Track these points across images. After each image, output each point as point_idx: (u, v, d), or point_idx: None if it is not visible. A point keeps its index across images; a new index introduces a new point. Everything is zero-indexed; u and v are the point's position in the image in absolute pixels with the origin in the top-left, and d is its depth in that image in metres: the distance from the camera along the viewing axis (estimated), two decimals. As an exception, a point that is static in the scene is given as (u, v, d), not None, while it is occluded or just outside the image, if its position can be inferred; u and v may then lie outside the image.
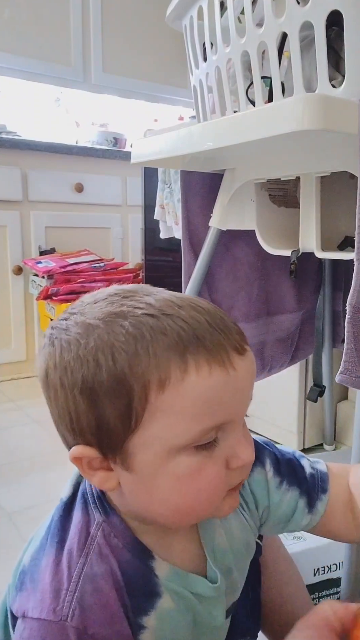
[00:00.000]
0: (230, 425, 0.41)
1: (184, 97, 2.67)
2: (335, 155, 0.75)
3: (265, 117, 0.62)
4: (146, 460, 0.39)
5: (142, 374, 0.38)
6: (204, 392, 0.38)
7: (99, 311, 0.41)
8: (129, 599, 0.41)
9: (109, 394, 0.38)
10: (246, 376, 0.42)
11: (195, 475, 0.40)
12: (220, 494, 0.42)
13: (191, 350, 0.38)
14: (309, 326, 1.26)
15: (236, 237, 1.05)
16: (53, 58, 2.27)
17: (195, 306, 0.41)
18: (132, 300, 0.41)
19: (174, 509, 0.41)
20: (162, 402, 0.38)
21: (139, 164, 0.94)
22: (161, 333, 0.38)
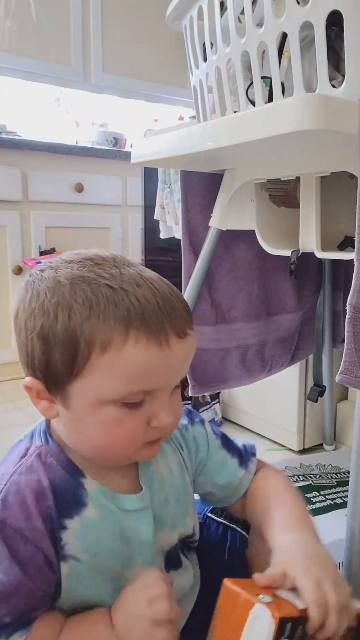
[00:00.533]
0: (157, 392, 0.48)
1: (184, 97, 2.67)
2: (335, 155, 0.75)
3: (265, 117, 0.62)
4: (80, 404, 0.47)
5: (89, 335, 0.45)
6: (137, 362, 0.45)
7: (69, 272, 0.48)
8: (55, 503, 0.49)
9: (60, 344, 0.46)
10: (180, 356, 0.48)
11: (117, 424, 0.47)
12: (137, 444, 0.49)
13: (135, 325, 0.45)
14: (309, 326, 1.26)
15: (236, 237, 1.05)
16: (53, 58, 2.27)
17: (152, 288, 0.47)
18: (101, 268, 0.48)
19: (95, 446, 0.49)
20: (101, 362, 0.45)
21: (139, 164, 0.94)
22: (114, 305, 0.45)
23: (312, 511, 0.92)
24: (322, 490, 0.99)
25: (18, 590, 0.47)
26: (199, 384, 1.11)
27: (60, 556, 0.49)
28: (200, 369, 1.10)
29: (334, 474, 1.05)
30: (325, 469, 1.08)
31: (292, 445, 1.45)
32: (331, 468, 1.08)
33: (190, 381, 1.10)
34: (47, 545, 0.48)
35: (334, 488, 0.99)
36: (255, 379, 1.19)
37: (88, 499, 0.51)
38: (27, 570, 0.47)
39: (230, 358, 1.12)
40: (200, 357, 1.09)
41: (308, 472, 1.06)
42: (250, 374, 1.16)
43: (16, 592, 0.47)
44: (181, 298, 0.50)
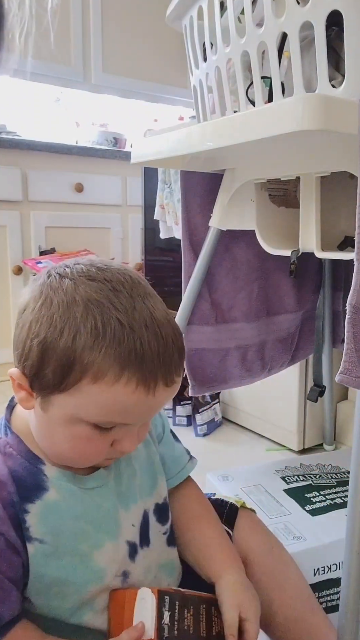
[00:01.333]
0: (128, 426, 0.51)
1: (184, 97, 2.67)
2: (335, 155, 0.75)
3: (265, 117, 0.62)
4: (58, 413, 0.49)
5: (86, 363, 0.46)
6: (122, 401, 0.48)
7: (86, 292, 0.48)
8: (16, 489, 0.51)
9: (56, 359, 0.47)
10: (162, 401, 0.51)
11: (85, 441, 0.50)
12: (97, 460, 0.53)
13: (131, 368, 0.47)
14: (309, 326, 1.26)
15: (236, 237, 1.05)
16: (53, 58, 2.27)
17: (158, 332, 0.49)
18: (116, 297, 0.48)
19: (60, 452, 0.52)
20: (89, 389, 0.47)
21: (139, 164, 0.94)
22: (118, 343, 0.46)
23: (312, 511, 0.92)
24: (322, 490, 0.99)
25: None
26: (199, 384, 1.11)
27: (26, 537, 0.50)
28: (200, 369, 1.10)
29: (334, 474, 1.05)
30: (325, 469, 1.07)
31: (292, 445, 1.45)
32: (331, 468, 1.08)
33: (190, 381, 1.10)
34: (8, 529, 0.49)
35: (334, 488, 0.99)
36: (255, 379, 1.19)
37: (49, 483, 0.53)
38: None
39: (230, 358, 1.12)
40: (200, 357, 1.09)
41: (308, 472, 1.06)
42: (250, 374, 1.16)
43: None
44: (180, 345, 0.51)
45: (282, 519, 0.89)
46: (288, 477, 1.04)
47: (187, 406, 1.66)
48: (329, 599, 0.83)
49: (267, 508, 0.93)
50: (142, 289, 0.51)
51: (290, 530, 0.86)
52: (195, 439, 1.57)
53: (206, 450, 1.49)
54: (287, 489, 1.00)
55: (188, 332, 1.07)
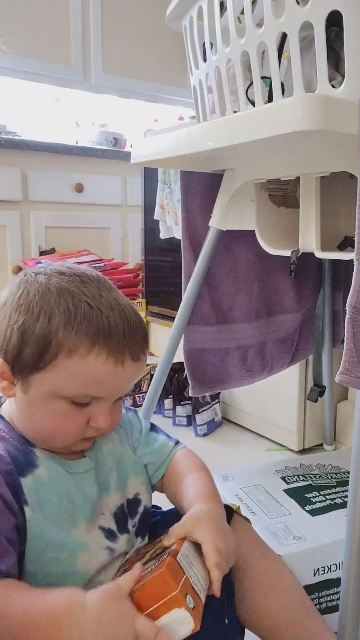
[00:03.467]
0: (102, 400, 0.57)
1: (184, 97, 2.67)
2: (335, 155, 0.75)
3: (265, 117, 0.62)
4: (37, 392, 0.55)
5: (61, 340, 0.53)
6: (93, 372, 0.54)
7: (59, 283, 0.56)
8: (14, 463, 0.55)
9: (34, 340, 0.54)
10: (130, 375, 0.57)
11: (62, 416, 0.55)
12: (75, 436, 0.57)
13: (100, 342, 0.53)
14: (309, 326, 1.26)
15: (236, 237, 1.05)
16: (53, 58, 2.27)
17: (123, 314, 0.56)
18: (85, 287, 0.56)
19: (41, 430, 0.57)
20: (65, 363, 0.53)
21: (139, 164, 0.94)
22: (88, 321, 0.53)
23: (312, 511, 0.92)
24: (322, 490, 0.99)
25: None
26: (199, 384, 1.11)
27: (23, 502, 0.54)
28: (200, 369, 1.10)
29: (334, 474, 1.05)
30: (325, 469, 1.07)
31: (292, 445, 1.45)
32: (331, 468, 1.08)
33: (190, 381, 1.10)
34: (5, 491, 0.53)
35: (334, 488, 0.99)
36: (255, 379, 1.19)
37: (39, 462, 0.58)
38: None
39: (230, 358, 1.12)
40: (201, 357, 1.10)
41: (308, 472, 1.06)
42: (250, 375, 1.16)
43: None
44: (144, 327, 0.59)
45: (282, 519, 0.89)
46: (288, 477, 1.04)
47: (187, 406, 1.66)
48: (329, 599, 0.83)
49: (267, 508, 0.93)
50: (107, 284, 0.59)
51: (290, 530, 0.86)
52: (195, 439, 1.57)
53: (206, 450, 1.49)
54: (287, 489, 1.00)
55: (188, 332, 1.07)
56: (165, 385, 1.45)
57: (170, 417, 1.70)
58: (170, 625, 0.47)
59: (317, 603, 0.82)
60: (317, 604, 0.82)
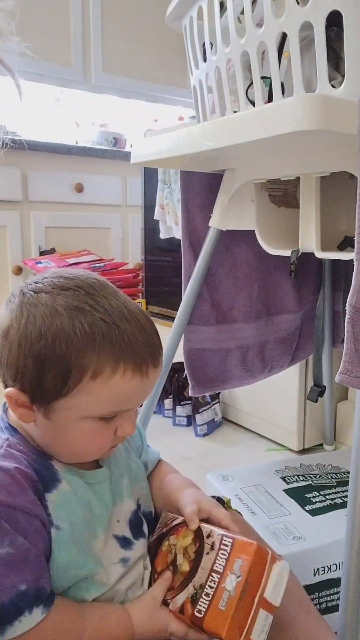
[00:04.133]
0: (127, 410, 0.56)
1: (184, 97, 2.66)
2: (335, 155, 0.75)
3: (265, 117, 0.62)
4: (63, 417, 0.53)
5: (83, 365, 0.51)
6: (122, 390, 0.53)
7: (64, 301, 0.52)
8: (39, 481, 0.54)
9: (54, 368, 0.51)
10: (153, 382, 0.56)
11: (93, 434, 0.55)
12: (104, 449, 0.58)
13: (124, 359, 0.52)
14: (309, 326, 1.26)
15: (236, 237, 1.05)
16: (53, 58, 2.27)
17: (138, 324, 0.54)
18: (93, 299, 0.53)
19: (72, 452, 0.56)
20: (90, 386, 0.51)
21: (139, 164, 0.94)
22: (109, 341, 0.51)
23: (312, 511, 0.92)
24: (322, 490, 0.99)
25: (27, 557, 0.50)
26: (199, 384, 1.11)
27: (50, 522, 0.54)
28: (200, 369, 1.10)
29: (334, 474, 1.05)
30: (325, 469, 1.07)
31: (292, 445, 1.45)
32: (331, 468, 1.08)
33: (190, 381, 1.10)
34: (41, 512, 0.53)
35: (334, 488, 0.99)
36: (255, 379, 1.19)
37: (60, 476, 0.56)
38: (29, 538, 0.51)
39: (230, 358, 1.12)
40: (201, 357, 1.09)
41: (308, 472, 1.06)
42: (250, 375, 1.16)
43: (26, 559, 0.50)
44: (156, 331, 0.57)
45: (282, 519, 0.89)
46: (288, 477, 1.04)
47: (187, 406, 1.66)
48: (329, 599, 0.83)
49: (267, 508, 0.93)
50: (111, 289, 0.56)
51: (290, 530, 0.86)
52: (195, 439, 1.57)
53: (206, 450, 1.49)
54: (287, 489, 1.00)
55: (188, 332, 1.07)
56: (165, 385, 1.45)
57: (170, 417, 1.70)
58: (274, 592, 0.53)
59: (317, 603, 0.82)
60: (317, 604, 0.82)
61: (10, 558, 0.49)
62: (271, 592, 0.52)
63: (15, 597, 0.48)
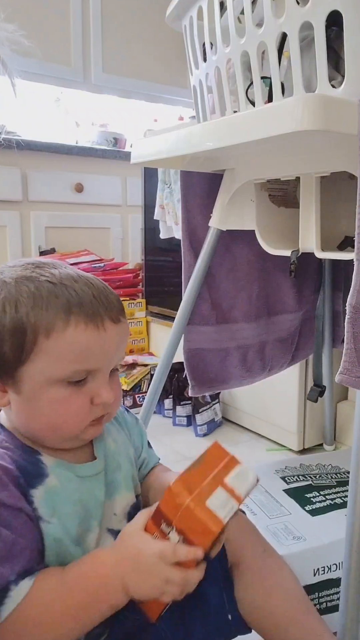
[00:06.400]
0: (98, 373, 0.55)
1: (184, 97, 2.67)
2: (335, 155, 0.75)
3: (265, 117, 0.62)
4: (30, 386, 0.53)
5: (35, 323, 0.51)
6: (78, 343, 0.52)
7: (14, 273, 0.54)
8: (22, 476, 0.53)
9: (8, 333, 0.52)
10: (115, 339, 0.55)
11: (64, 402, 0.53)
12: (83, 420, 0.55)
13: (74, 312, 0.52)
14: (309, 326, 1.26)
15: (236, 237, 1.05)
16: (53, 58, 2.27)
17: (88, 282, 0.55)
18: (42, 270, 0.55)
19: (46, 426, 0.54)
20: (47, 345, 0.51)
21: (139, 164, 0.94)
22: (54, 296, 0.52)
23: (312, 511, 0.92)
24: (322, 490, 0.99)
25: (14, 549, 0.50)
26: (199, 384, 1.11)
27: (37, 517, 0.53)
28: (200, 369, 1.10)
29: (334, 474, 1.05)
30: (325, 469, 1.07)
31: (292, 445, 1.45)
32: (331, 468, 1.08)
33: (190, 381, 1.10)
34: (26, 505, 0.52)
35: (334, 488, 0.99)
36: (255, 379, 1.19)
37: (48, 470, 0.56)
38: (16, 530, 0.51)
39: (230, 358, 1.12)
40: (200, 357, 1.09)
41: (308, 472, 1.06)
42: (250, 375, 1.16)
43: (12, 551, 0.50)
44: (114, 292, 0.57)
45: (282, 519, 0.89)
46: (288, 477, 1.04)
47: (187, 406, 1.66)
48: (329, 599, 0.83)
49: (267, 508, 0.93)
50: (61, 264, 0.57)
51: (290, 530, 0.86)
52: (195, 439, 1.57)
53: (206, 450, 1.49)
54: (287, 489, 1.00)
55: (188, 332, 1.07)
56: (165, 385, 1.45)
57: (170, 417, 1.70)
58: (236, 482, 0.50)
59: (317, 603, 0.82)
60: (317, 604, 0.82)
61: None
62: (232, 479, 0.50)
63: (3, 589, 0.49)
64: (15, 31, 0.61)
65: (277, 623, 0.65)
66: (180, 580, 0.50)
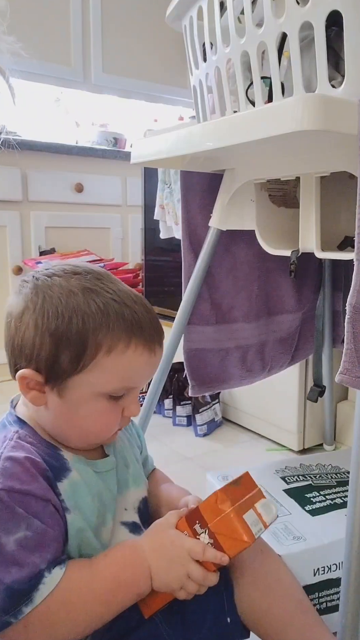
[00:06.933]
0: (134, 389, 0.59)
1: (184, 97, 2.67)
2: (335, 155, 0.75)
3: (265, 117, 0.62)
4: (77, 395, 0.56)
5: (99, 340, 0.54)
6: (133, 364, 0.56)
7: (78, 283, 0.56)
8: (49, 469, 0.55)
9: (71, 344, 0.54)
10: (159, 362, 0.60)
11: (103, 414, 0.57)
12: (112, 430, 0.60)
13: (136, 335, 0.56)
14: (309, 326, 1.26)
15: (236, 237, 1.05)
16: (53, 58, 2.27)
17: (143, 305, 0.59)
18: (102, 283, 0.57)
19: (79, 431, 0.58)
20: (105, 362, 0.55)
21: (139, 164, 0.94)
22: (121, 317, 0.55)
23: (312, 511, 0.92)
24: (322, 490, 0.98)
25: (44, 539, 0.52)
26: (199, 384, 1.11)
27: (63, 508, 0.55)
28: (200, 369, 1.10)
29: (334, 474, 1.05)
30: (325, 469, 1.07)
31: (292, 445, 1.45)
32: (331, 468, 1.08)
33: (190, 381, 1.10)
34: (53, 497, 0.54)
35: (334, 488, 0.99)
36: (255, 379, 1.19)
37: (70, 465, 0.58)
38: (45, 521, 0.53)
39: (230, 358, 1.12)
40: (200, 357, 1.09)
41: (308, 472, 1.06)
42: (250, 374, 1.16)
43: (43, 541, 0.52)
44: (156, 314, 0.61)
45: (282, 519, 0.89)
46: (288, 477, 1.04)
47: (187, 406, 1.66)
48: (329, 599, 0.83)
49: (267, 508, 0.93)
50: (113, 277, 0.61)
51: (290, 530, 0.86)
52: (195, 439, 1.57)
53: (206, 450, 1.49)
54: (287, 489, 1.00)
55: (188, 332, 1.07)
56: (165, 385, 1.45)
57: (170, 417, 1.70)
58: (263, 510, 0.57)
59: (317, 603, 0.82)
60: (317, 604, 0.82)
61: (28, 541, 0.51)
62: (261, 506, 0.57)
63: (36, 576, 0.51)
64: (14, 42, 0.61)
65: (276, 624, 0.65)
66: (201, 578, 0.54)
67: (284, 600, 0.67)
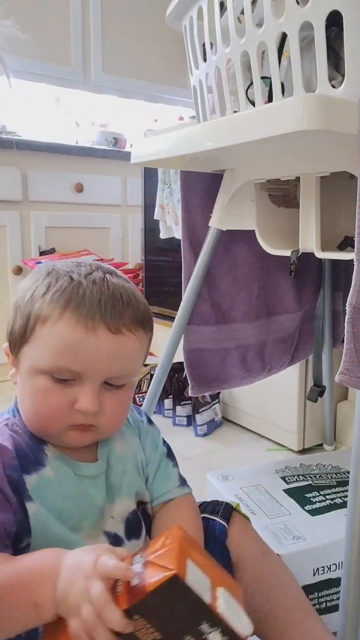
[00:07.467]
0: (85, 379, 0.55)
1: (184, 97, 2.67)
2: (335, 155, 0.75)
3: (265, 117, 0.62)
4: (24, 367, 0.57)
5: (37, 309, 0.55)
6: (63, 337, 0.53)
7: (55, 265, 0.59)
8: (19, 458, 0.55)
9: (20, 313, 0.57)
10: (109, 347, 0.54)
11: (44, 394, 0.55)
12: (61, 420, 0.55)
13: (70, 309, 0.54)
14: (309, 326, 1.26)
15: (236, 237, 1.05)
16: (53, 58, 2.27)
17: (104, 289, 0.56)
18: (80, 267, 0.58)
19: (28, 412, 0.57)
20: (40, 332, 0.55)
21: (139, 164, 0.94)
22: (62, 290, 0.55)
23: (312, 511, 0.92)
24: (322, 490, 0.99)
25: None
26: (198, 384, 1.11)
27: (26, 497, 0.53)
28: (200, 369, 1.10)
29: (334, 474, 1.05)
30: (325, 469, 1.07)
31: (292, 445, 1.45)
32: (331, 468, 1.08)
33: (190, 381, 1.10)
34: (5, 485, 0.52)
35: (334, 488, 0.99)
36: (255, 379, 1.19)
37: (47, 461, 0.57)
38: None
39: (230, 358, 1.12)
40: (200, 357, 1.09)
41: (308, 472, 1.06)
42: (250, 374, 1.16)
43: None
44: (137, 307, 0.57)
45: (282, 519, 0.89)
46: (288, 477, 1.04)
47: (187, 406, 1.66)
48: (329, 599, 0.83)
49: (267, 508, 0.93)
50: (110, 269, 0.59)
51: (290, 530, 0.86)
52: (195, 439, 1.57)
53: (206, 450, 1.49)
54: (287, 489, 1.00)
55: (188, 332, 1.07)
56: (165, 385, 1.45)
57: (170, 417, 1.70)
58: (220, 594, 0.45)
59: (316, 603, 0.82)
60: (316, 603, 0.82)
61: None
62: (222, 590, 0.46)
63: None
64: (12, 26, 0.62)
65: (277, 624, 0.65)
66: (100, 600, 0.41)
67: (285, 601, 0.67)
